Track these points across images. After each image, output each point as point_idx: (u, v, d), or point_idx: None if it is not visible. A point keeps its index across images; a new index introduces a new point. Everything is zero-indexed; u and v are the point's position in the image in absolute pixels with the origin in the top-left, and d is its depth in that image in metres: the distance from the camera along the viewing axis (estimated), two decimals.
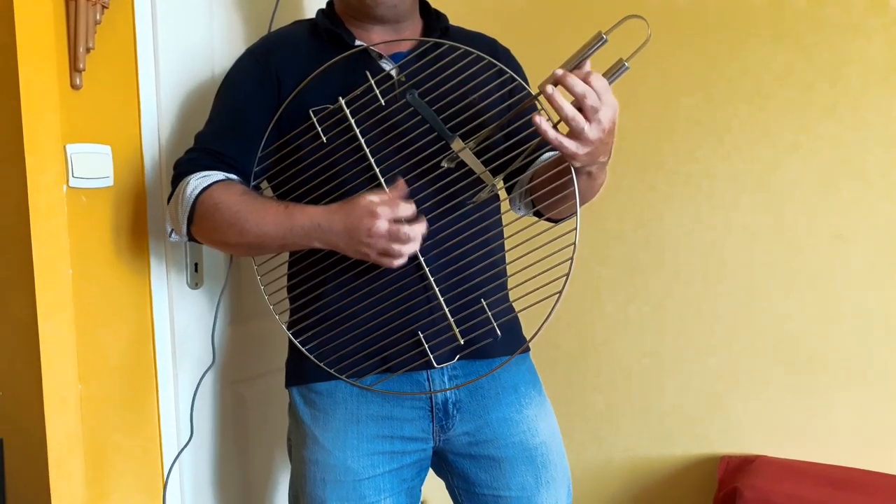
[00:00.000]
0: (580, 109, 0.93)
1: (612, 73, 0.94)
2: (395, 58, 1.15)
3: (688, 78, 1.79)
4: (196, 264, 1.39)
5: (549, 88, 0.93)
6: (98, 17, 1.16)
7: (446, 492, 1.26)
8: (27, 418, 1.10)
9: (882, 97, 1.65)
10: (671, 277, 1.85)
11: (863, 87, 1.66)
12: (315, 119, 1.10)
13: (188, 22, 1.36)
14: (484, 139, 1.07)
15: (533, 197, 1.17)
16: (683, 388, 1.86)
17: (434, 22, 1.21)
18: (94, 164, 1.17)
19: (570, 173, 1.01)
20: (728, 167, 1.78)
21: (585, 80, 0.92)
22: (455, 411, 1.15)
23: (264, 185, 1.21)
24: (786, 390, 1.78)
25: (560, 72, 0.93)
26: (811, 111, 1.71)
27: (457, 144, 1.06)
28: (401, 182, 1.03)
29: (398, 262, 1.02)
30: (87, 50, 1.14)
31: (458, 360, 1.12)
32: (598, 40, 0.93)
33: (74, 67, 1.14)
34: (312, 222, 1.04)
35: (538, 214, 1.20)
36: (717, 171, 1.79)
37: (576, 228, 1.02)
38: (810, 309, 1.74)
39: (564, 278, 1.02)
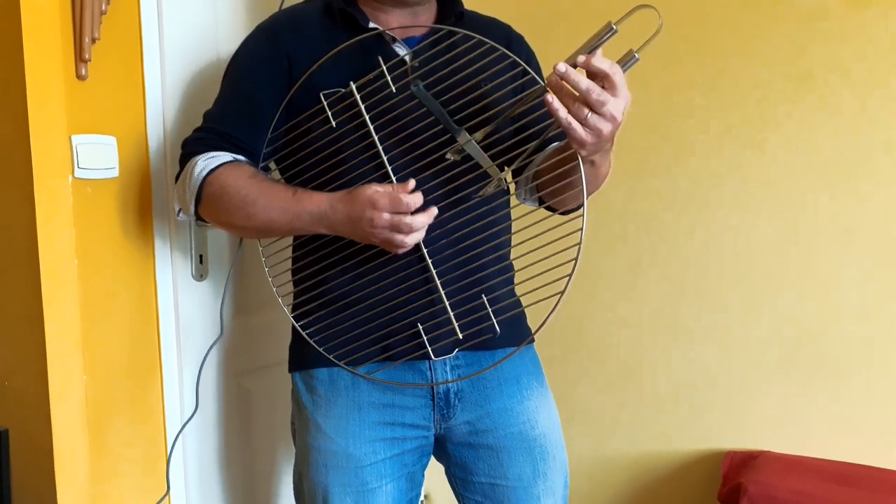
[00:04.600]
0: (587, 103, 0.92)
1: (622, 65, 0.93)
2: (409, 42, 1.13)
3: (690, 72, 1.78)
4: (201, 256, 1.39)
5: (562, 66, 0.91)
6: (104, 8, 1.16)
7: (448, 487, 1.25)
8: (32, 408, 1.11)
9: (888, 91, 1.64)
10: (675, 272, 1.84)
11: (870, 82, 1.65)
12: (325, 103, 1.09)
13: (193, 12, 1.35)
14: (490, 132, 1.05)
15: (538, 187, 1.16)
16: (688, 383, 1.86)
17: (449, 6, 1.19)
18: (100, 155, 1.18)
19: (576, 160, 0.99)
20: (733, 162, 1.77)
21: (607, 73, 0.90)
22: (456, 401, 1.15)
23: (272, 165, 1.20)
24: (791, 385, 1.77)
25: (563, 67, 0.91)
26: (817, 105, 1.70)
27: (463, 137, 1.04)
28: (410, 180, 1.02)
29: (402, 251, 1.03)
30: (93, 40, 1.14)
31: (460, 350, 1.12)
32: (607, 30, 0.92)
33: (80, 58, 1.14)
34: (319, 209, 1.04)
35: (549, 209, 1.18)
36: (721, 165, 1.78)
37: (581, 229, 1.00)
38: (816, 304, 1.74)
39: (567, 278, 1.00)
